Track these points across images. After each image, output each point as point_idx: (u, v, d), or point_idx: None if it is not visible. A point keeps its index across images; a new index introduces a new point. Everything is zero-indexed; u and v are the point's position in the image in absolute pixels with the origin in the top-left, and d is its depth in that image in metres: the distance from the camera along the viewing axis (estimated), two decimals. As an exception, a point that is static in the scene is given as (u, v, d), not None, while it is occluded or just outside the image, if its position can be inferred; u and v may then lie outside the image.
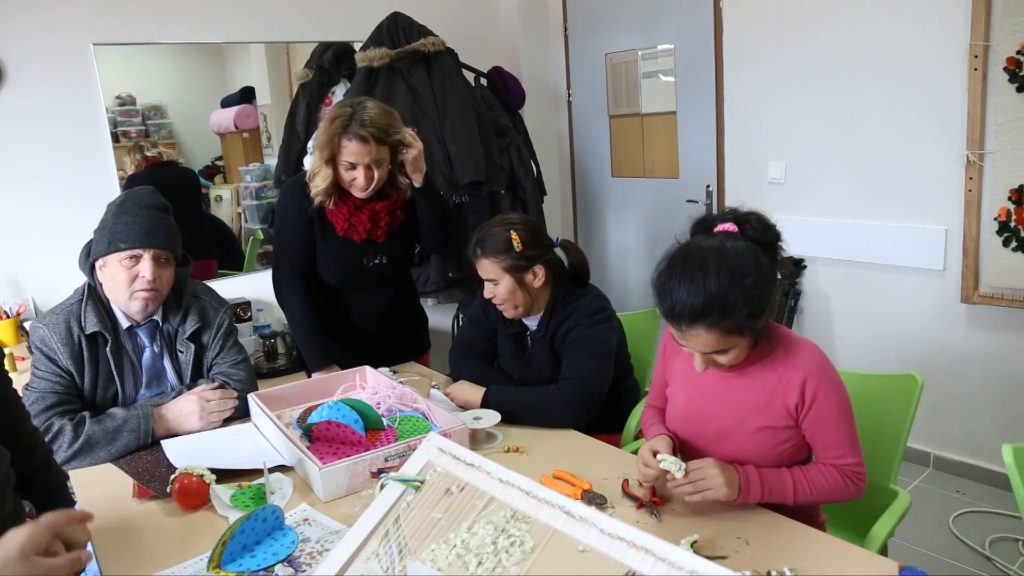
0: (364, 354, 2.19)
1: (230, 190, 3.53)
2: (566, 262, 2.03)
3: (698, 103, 3.56)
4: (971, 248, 2.74)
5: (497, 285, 1.94)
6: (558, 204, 4.33)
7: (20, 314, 2.82)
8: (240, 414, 1.96)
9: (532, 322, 2.03)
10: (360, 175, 2.07)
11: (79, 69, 2.94)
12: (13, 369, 2.49)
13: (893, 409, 1.74)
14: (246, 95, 3.44)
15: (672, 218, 3.73)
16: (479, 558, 1.06)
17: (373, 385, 2.03)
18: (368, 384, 2.04)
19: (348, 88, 3.35)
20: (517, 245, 1.90)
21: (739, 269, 1.32)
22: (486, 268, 1.94)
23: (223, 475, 1.58)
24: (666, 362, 1.66)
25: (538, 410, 1.87)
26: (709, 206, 3.59)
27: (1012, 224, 2.60)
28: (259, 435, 1.85)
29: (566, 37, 4.16)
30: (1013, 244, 2.61)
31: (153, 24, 3.06)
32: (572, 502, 1.05)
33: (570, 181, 4.36)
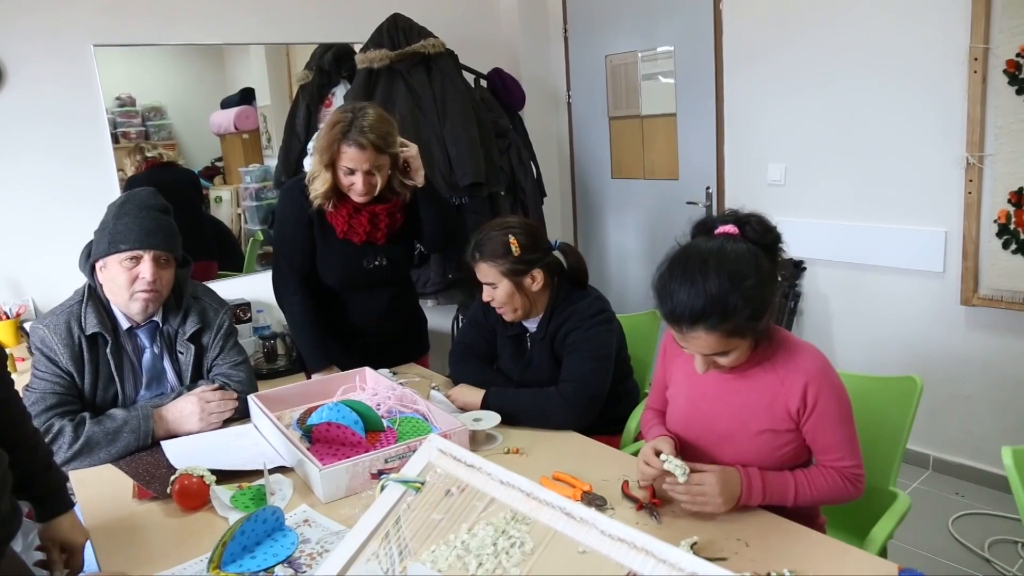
0: (364, 355, 2.19)
1: (230, 191, 3.53)
2: (564, 264, 2.03)
3: (698, 105, 3.56)
4: (971, 250, 2.74)
5: (496, 289, 1.93)
6: (558, 206, 4.33)
7: (20, 315, 2.82)
8: (240, 415, 1.96)
9: (532, 324, 2.03)
10: (359, 180, 2.07)
11: (79, 70, 2.94)
12: (13, 370, 2.48)
13: (893, 411, 1.74)
14: (246, 96, 3.44)
15: (672, 220, 3.74)
16: (479, 559, 1.06)
17: (373, 386, 2.03)
18: (368, 385, 2.04)
19: (348, 89, 3.35)
20: (515, 249, 1.90)
21: (740, 271, 1.32)
22: (484, 272, 1.94)
23: (223, 476, 1.59)
24: (666, 364, 1.66)
25: (538, 412, 1.87)
26: (709, 208, 3.60)
27: (1012, 226, 2.61)
28: (259, 436, 1.86)
29: (566, 39, 4.16)
30: (1013, 246, 2.61)
31: (153, 25, 3.07)
32: (572, 503, 1.05)
33: (570, 183, 4.36)
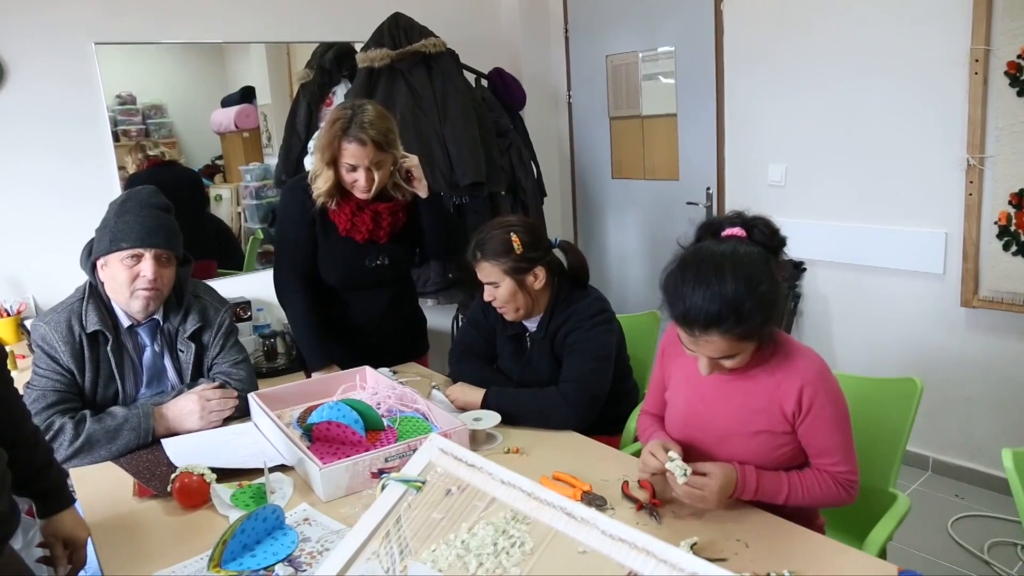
0: (364, 354, 2.19)
1: (230, 189, 3.53)
2: (565, 263, 2.03)
3: (698, 105, 3.56)
4: (971, 252, 2.74)
5: (498, 288, 1.93)
6: (558, 205, 4.33)
7: (21, 312, 2.82)
8: (240, 413, 1.96)
9: (532, 324, 2.03)
10: (361, 177, 2.08)
11: (80, 68, 2.94)
12: (14, 367, 2.49)
13: (892, 413, 1.74)
14: (246, 95, 3.44)
15: (672, 220, 3.73)
16: (480, 559, 1.06)
17: (373, 385, 2.03)
18: (368, 384, 2.04)
19: (349, 88, 3.35)
20: (517, 247, 1.90)
21: (754, 275, 1.32)
22: (486, 271, 1.94)
23: (223, 474, 1.59)
24: (665, 364, 1.65)
25: (538, 412, 1.87)
26: (709, 208, 3.59)
27: (1012, 228, 2.61)
28: (259, 435, 1.85)
29: (567, 39, 4.16)
30: (1013, 248, 2.61)
31: (154, 23, 3.07)
32: (573, 503, 1.05)
33: (570, 182, 4.36)
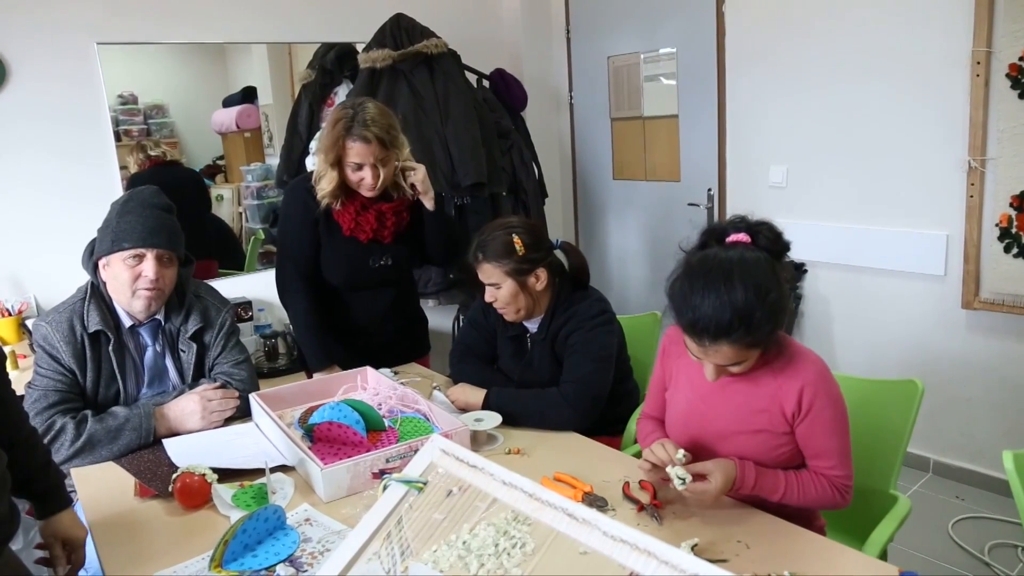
0: (365, 355, 2.19)
1: (231, 189, 3.54)
2: (566, 264, 2.03)
3: (700, 106, 3.56)
4: (972, 254, 2.74)
5: (499, 289, 1.93)
6: (559, 206, 4.33)
7: (22, 312, 2.83)
8: (241, 414, 1.96)
9: (532, 324, 2.03)
10: (367, 175, 2.08)
11: (82, 68, 2.94)
12: (15, 367, 2.49)
13: (893, 414, 1.74)
14: (248, 95, 3.45)
15: (673, 221, 3.73)
16: (481, 560, 1.06)
17: (374, 386, 2.03)
18: (369, 385, 2.04)
19: (351, 89, 3.36)
20: (519, 248, 1.90)
21: (763, 284, 1.31)
22: (488, 272, 1.94)
23: (225, 475, 1.59)
24: (666, 364, 1.65)
25: (539, 412, 1.87)
26: (710, 209, 3.59)
27: (1013, 230, 2.61)
28: (260, 435, 1.86)
29: (568, 40, 4.16)
30: (1014, 250, 2.61)
31: (156, 24, 3.07)
32: (575, 504, 1.05)
33: (571, 183, 4.36)
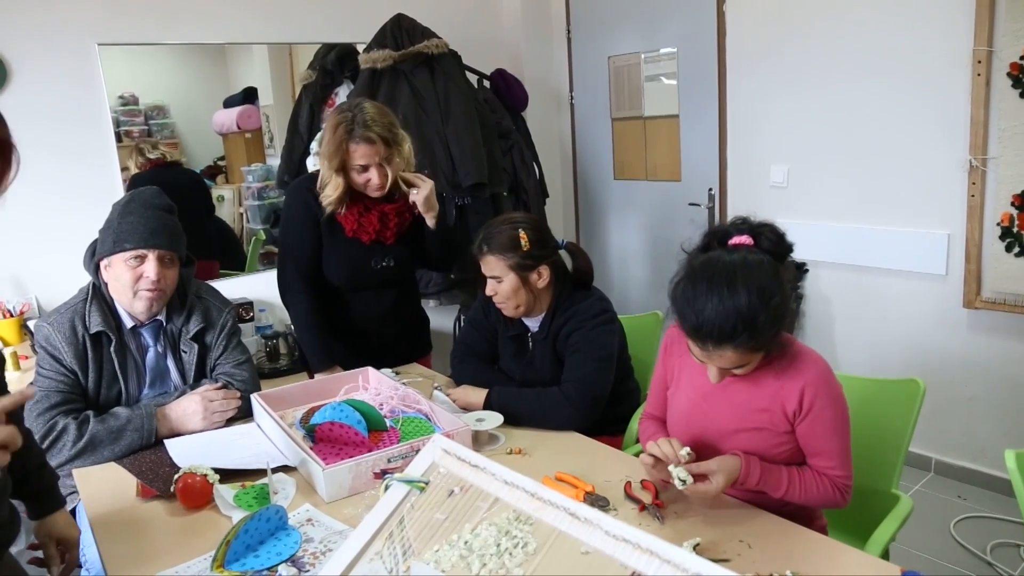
0: (367, 355, 2.19)
1: (232, 190, 3.54)
2: (570, 265, 2.03)
3: (701, 106, 3.56)
4: (973, 253, 2.74)
5: (501, 283, 1.93)
6: (560, 206, 4.34)
7: (24, 313, 2.83)
8: (243, 414, 1.96)
9: (533, 323, 2.03)
10: (374, 175, 2.08)
11: (83, 68, 2.95)
12: (16, 368, 2.49)
13: (895, 414, 1.74)
14: (248, 95, 3.45)
15: (674, 221, 3.73)
16: (483, 559, 1.06)
17: (376, 386, 2.03)
18: (371, 385, 2.04)
19: (351, 90, 3.36)
20: (524, 244, 1.90)
21: (767, 288, 1.31)
22: (491, 265, 1.94)
23: (226, 475, 1.59)
24: (667, 363, 1.65)
25: (541, 412, 1.87)
26: (711, 209, 3.59)
27: (1015, 229, 2.60)
28: (262, 435, 1.86)
29: (569, 40, 4.16)
30: (1016, 249, 2.61)
31: (157, 24, 3.07)
32: (577, 504, 1.05)
33: (572, 183, 4.36)
